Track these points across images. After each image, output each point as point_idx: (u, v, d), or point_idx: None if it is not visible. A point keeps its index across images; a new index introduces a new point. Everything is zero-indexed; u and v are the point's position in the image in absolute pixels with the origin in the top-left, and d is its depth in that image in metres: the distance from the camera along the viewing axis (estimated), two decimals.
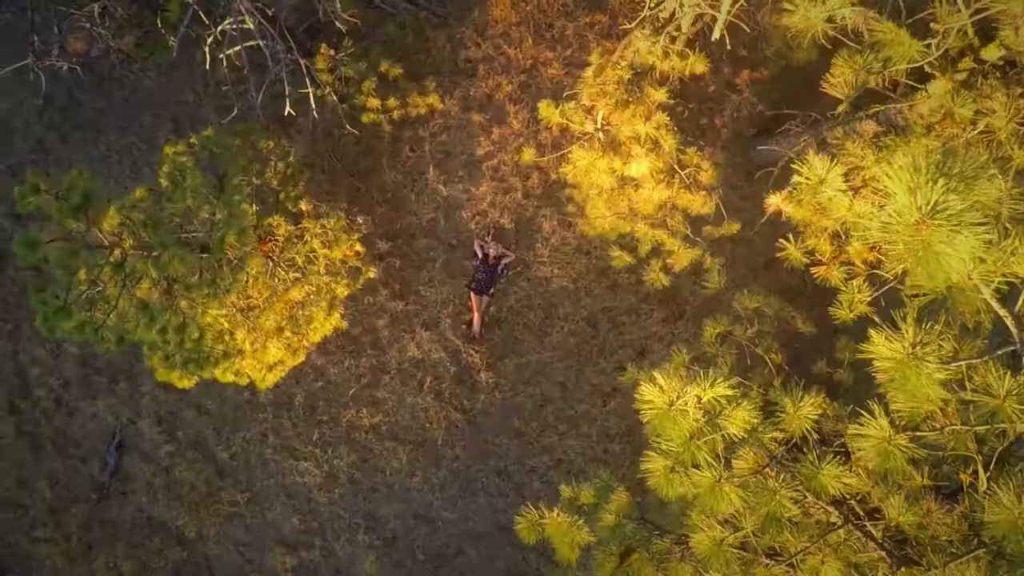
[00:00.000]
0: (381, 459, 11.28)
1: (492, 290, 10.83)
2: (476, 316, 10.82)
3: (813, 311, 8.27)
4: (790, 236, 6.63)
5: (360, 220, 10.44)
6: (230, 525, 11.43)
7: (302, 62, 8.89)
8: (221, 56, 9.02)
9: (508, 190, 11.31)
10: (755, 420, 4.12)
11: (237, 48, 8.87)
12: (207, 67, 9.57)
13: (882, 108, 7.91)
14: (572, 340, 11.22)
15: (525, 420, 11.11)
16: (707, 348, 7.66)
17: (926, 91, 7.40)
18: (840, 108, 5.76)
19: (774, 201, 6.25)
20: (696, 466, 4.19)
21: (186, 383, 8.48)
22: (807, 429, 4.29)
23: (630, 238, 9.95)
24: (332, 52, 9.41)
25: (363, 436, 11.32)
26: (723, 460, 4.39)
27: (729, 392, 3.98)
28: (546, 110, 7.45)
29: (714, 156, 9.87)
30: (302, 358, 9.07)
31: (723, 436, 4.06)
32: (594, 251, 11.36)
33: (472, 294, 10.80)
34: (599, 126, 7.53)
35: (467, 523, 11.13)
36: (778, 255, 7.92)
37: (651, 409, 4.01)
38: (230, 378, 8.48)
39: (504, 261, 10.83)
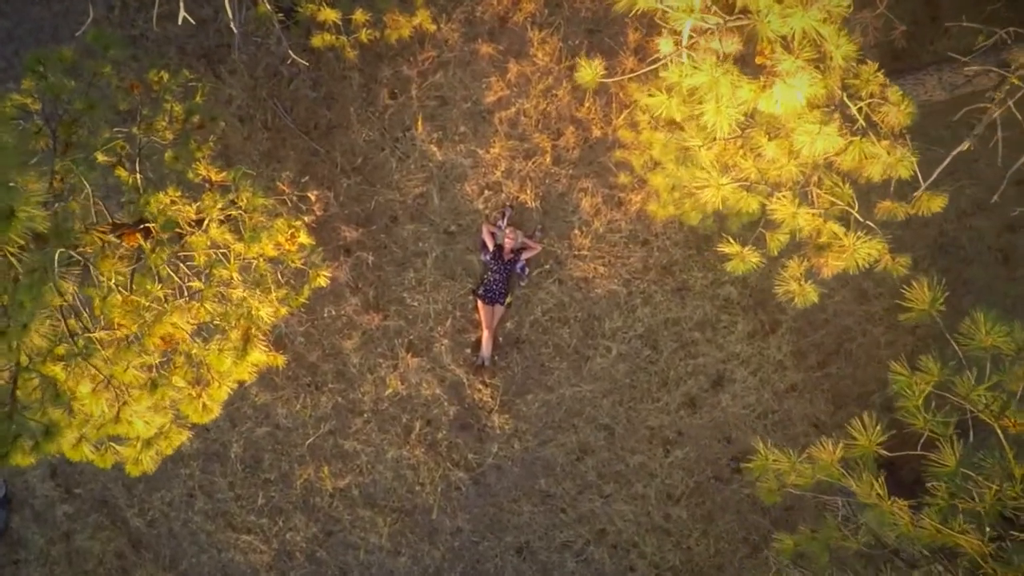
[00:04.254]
0: (353, 532, 9.04)
1: (508, 298, 8.76)
2: (486, 335, 8.66)
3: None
4: None
5: (313, 196, 7.65)
6: None
7: None
8: None
9: (531, 153, 8.75)
10: None
11: None
12: None
13: None
14: (622, 366, 8.84)
15: (555, 478, 8.90)
16: (909, 418, 4.37)
17: None
18: None
19: None
20: None
21: (22, 461, 5.46)
22: None
23: (718, 219, 6.73)
24: None
25: (326, 501, 8.95)
26: None
27: None
28: None
29: None
30: (215, 413, 5.89)
31: None
32: (655, 240, 8.94)
33: (480, 303, 8.71)
34: (721, 19, 4.16)
35: None
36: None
37: None
38: (85, 456, 5.38)
39: (525, 255, 8.74)
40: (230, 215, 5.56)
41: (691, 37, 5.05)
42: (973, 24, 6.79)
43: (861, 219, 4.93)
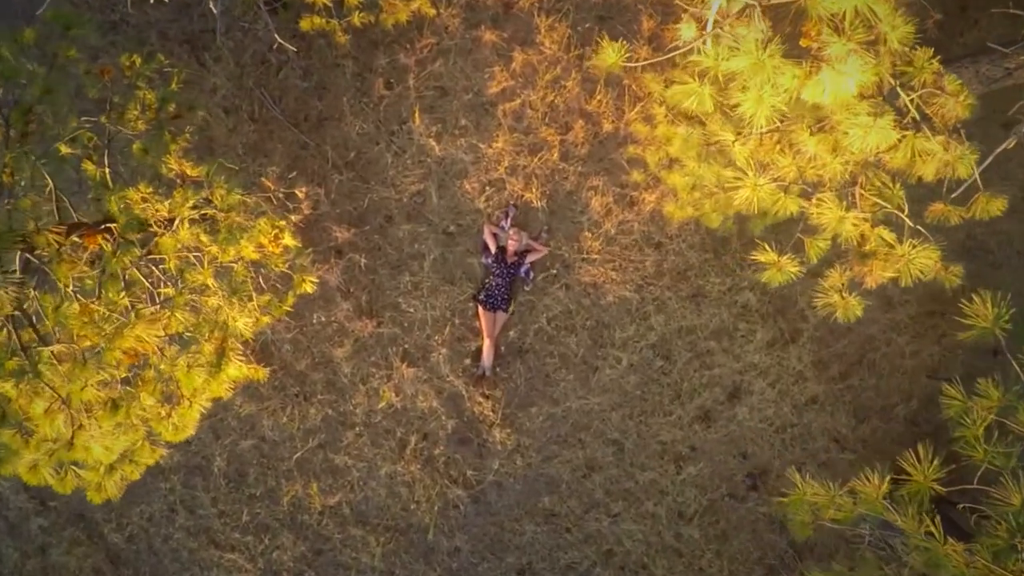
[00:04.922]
0: (343, 552, 8.65)
1: (511, 304, 8.41)
2: (487, 343, 8.33)
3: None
4: None
5: (302, 193, 7.25)
6: None
7: None
8: None
9: (537, 148, 8.37)
10: None
11: None
12: None
13: None
14: (633, 378, 8.48)
15: (560, 496, 8.58)
16: (968, 450, 3.88)
17: None
18: None
19: None
20: None
21: None
22: None
23: (738, 221, 6.27)
24: None
25: (315, 519, 8.58)
26: None
27: None
28: None
29: None
30: (189, 432, 5.47)
31: None
32: (669, 243, 8.55)
33: (481, 310, 8.40)
34: None
35: None
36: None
37: None
38: (43, 480, 4.97)
39: (530, 258, 8.42)
40: (206, 214, 5.06)
41: (716, 21, 4.55)
42: (1018, 12, 6.31)
43: (912, 223, 4.42)
